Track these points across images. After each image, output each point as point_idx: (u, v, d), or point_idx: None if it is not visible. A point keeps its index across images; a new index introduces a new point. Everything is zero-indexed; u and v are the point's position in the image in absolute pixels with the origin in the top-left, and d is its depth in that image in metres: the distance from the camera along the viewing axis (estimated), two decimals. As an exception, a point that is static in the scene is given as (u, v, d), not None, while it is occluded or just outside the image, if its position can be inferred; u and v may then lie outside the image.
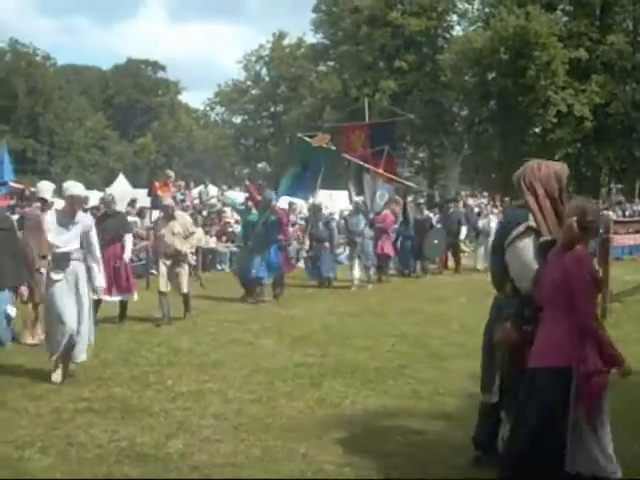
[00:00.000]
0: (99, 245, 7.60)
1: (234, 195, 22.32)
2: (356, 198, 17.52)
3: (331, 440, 5.50)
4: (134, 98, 67.32)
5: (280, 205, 21.22)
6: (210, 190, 23.89)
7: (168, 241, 10.68)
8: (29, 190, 17.13)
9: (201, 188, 24.21)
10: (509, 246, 4.52)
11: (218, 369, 7.74)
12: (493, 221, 20.28)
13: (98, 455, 5.16)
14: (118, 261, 10.46)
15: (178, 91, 72.10)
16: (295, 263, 15.91)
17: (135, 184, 30.39)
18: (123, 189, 24.94)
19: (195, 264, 18.07)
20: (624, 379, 4.12)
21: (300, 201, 19.46)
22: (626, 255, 20.66)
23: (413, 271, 18.24)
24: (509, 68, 36.45)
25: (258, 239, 13.03)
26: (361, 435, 5.64)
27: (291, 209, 21.41)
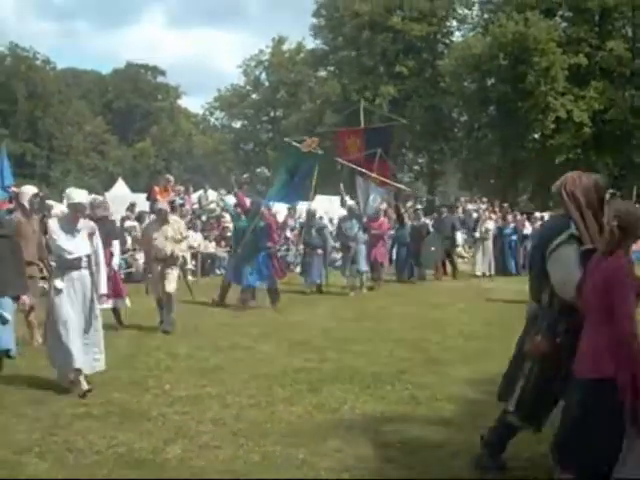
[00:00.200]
0: None
1: (232, 200, 22.27)
2: (350, 202, 17.49)
3: (330, 445, 5.50)
4: (133, 102, 67.46)
5: (277, 211, 21.28)
6: (209, 195, 23.86)
7: (160, 245, 10.52)
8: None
9: (200, 193, 24.18)
10: (551, 254, 4.47)
11: (217, 374, 7.72)
12: (490, 227, 20.32)
13: (96, 461, 5.14)
14: (107, 267, 10.31)
15: (178, 96, 72.29)
16: (285, 270, 15.66)
17: (134, 188, 30.34)
18: (122, 193, 24.95)
19: (194, 269, 18.21)
20: None
21: (300, 206, 19.40)
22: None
23: (409, 277, 18.15)
24: (508, 74, 36.55)
25: (247, 246, 12.91)
26: (359, 440, 5.63)
27: (290, 214, 21.43)
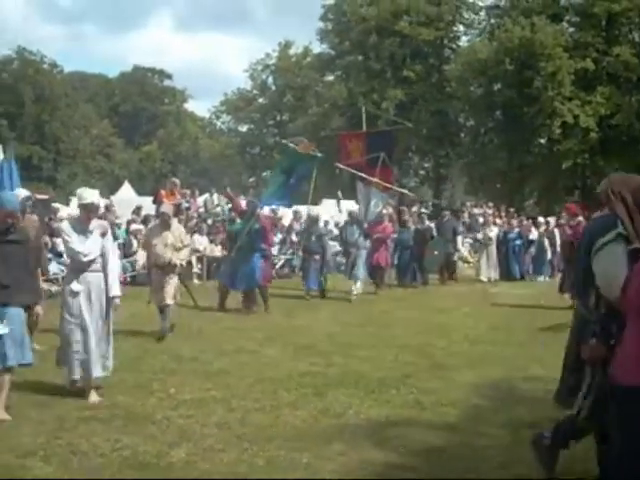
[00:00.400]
0: None
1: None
2: (351, 208, 17.41)
3: (334, 449, 5.49)
4: (140, 106, 67.57)
5: (282, 214, 21.24)
6: (215, 199, 23.90)
7: (159, 252, 10.34)
8: (34, 197, 17.12)
9: (206, 196, 24.25)
10: (597, 253, 4.40)
11: (222, 377, 7.72)
12: (493, 232, 20.30)
13: (100, 464, 5.15)
14: None
15: (184, 99, 72.36)
16: (272, 275, 15.33)
17: (140, 192, 30.39)
18: (128, 197, 25.02)
19: (200, 272, 18.24)
20: None
21: (306, 210, 19.38)
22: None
23: (411, 282, 17.95)
24: (515, 79, 36.50)
25: (242, 248, 12.82)
26: (364, 445, 5.62)
27: (296, 218, 21.43)
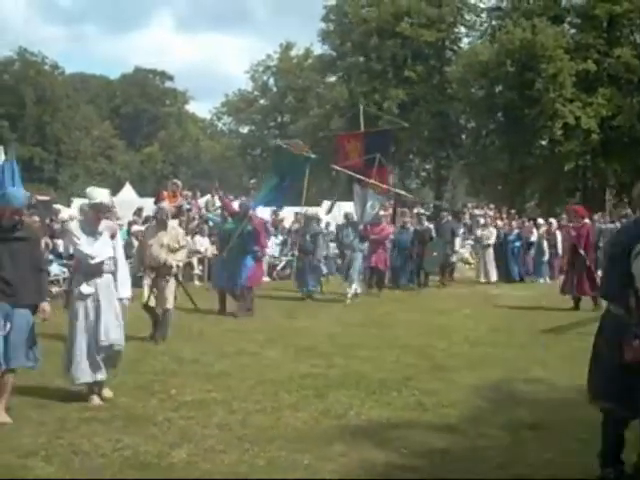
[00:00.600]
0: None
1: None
2: (347, 210, 17.38)
3: (335, 451, 5.49)
4: (141, 107, 67.66)
5: (284, 216, 21.23)
6: (216, 200, 23.88)
7: (154, 253, 10.04)
8: (35, 198, 17.20)
9: (207, 198, 24.23)
10: (637, 257, 4.43)
11: (223, 379, 7.73)
12: (491, 233, 20.30)
13: (102, 464, 5.15)
14: None
15: (185, 101, 72.45)
16: (261, 277, 15.15)
17: (141, 193, 30.41)
18: (129, 198, 25.02)
19: (201, 274, 18.24)
20: None
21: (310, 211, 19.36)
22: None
23: (407, 284, 17.83)
24: (516, 81, 36.48)
25: (234, 250, 12.71)
26: (365, 446, 5.62)
27: (297, 219, 21.40)
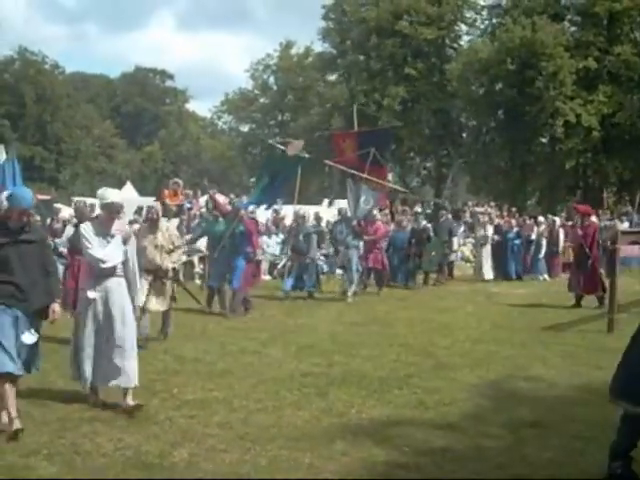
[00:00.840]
0: (69, 257, 6.85)
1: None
2: (341, 206, 17.27)
3: (337, 450, 5.49)
4: (142, 106, 67.62)
5: (284, 215, 21.19)
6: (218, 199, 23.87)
7: (149, 255, 9.75)
8: (36, 198, 17.14)
9: (208, 197, 24.23)
10: None
11: (224, 378, 7.73)
12: (489, 231, 20.31)
13: (103, 464, 5.16)
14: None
15: (186, 99, 72.45)
16: (252, 279, 15.02)
17: (142, 192, 30.49)
18: (130, 197, 25.03)
19: (202, 272, 18.21)
20: None
21: (311, 210, 19.35)
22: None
23: (405, 283, 17.62)
24: (516, 78, 36.45)
25: (225, 250, 12.66)
26: (367, 445, 5.62)
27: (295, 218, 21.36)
